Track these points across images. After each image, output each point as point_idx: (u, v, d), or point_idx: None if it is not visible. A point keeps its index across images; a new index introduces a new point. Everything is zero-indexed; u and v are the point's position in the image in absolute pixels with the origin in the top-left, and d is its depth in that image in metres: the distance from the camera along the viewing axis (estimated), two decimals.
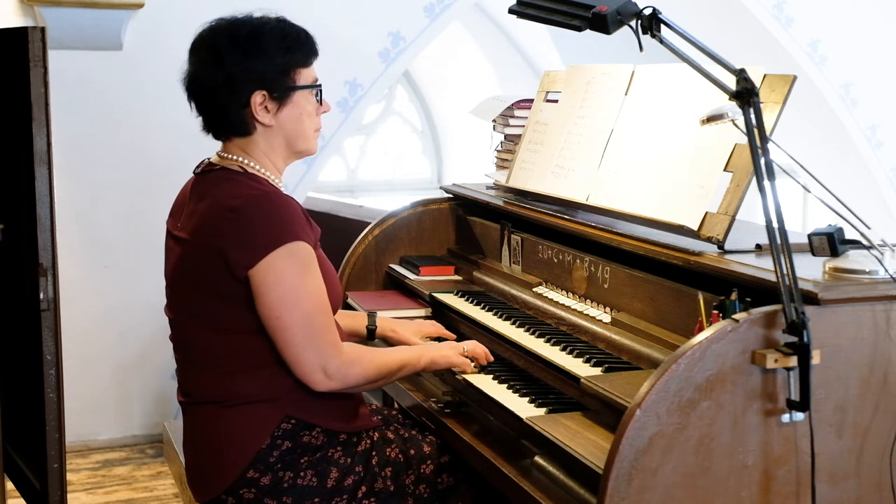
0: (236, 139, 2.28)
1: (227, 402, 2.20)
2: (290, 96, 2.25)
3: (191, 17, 4.35)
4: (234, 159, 2.27)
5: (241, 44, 2.21)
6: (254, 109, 2.22)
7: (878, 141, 6.07)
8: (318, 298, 2.16)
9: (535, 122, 2.99)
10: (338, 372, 2.15)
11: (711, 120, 2.04)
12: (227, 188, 2.20)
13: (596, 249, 2.49)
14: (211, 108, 2.27)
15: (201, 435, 2.25)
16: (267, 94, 2.22)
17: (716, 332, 1.78)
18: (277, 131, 2.26)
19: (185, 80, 2.28)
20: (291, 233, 2.13)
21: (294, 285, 2.12)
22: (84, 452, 4.44)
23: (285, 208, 2.16)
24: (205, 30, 2.28)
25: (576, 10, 2.13)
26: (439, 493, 2.30)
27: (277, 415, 2.19)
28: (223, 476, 2.19)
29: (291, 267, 2.12)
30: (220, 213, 2.15)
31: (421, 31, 4.75)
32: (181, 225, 2.27)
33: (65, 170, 4.14)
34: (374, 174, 8.49)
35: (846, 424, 1.90)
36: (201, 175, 2.30)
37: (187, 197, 2.31)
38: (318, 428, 2.23)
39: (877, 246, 1.95)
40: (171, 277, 2.30)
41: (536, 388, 2.29)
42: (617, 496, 1.73)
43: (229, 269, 2.13)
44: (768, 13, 5.66)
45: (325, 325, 2.16)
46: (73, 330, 3.95)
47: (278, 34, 2.24)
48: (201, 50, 2.26)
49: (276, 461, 2.18)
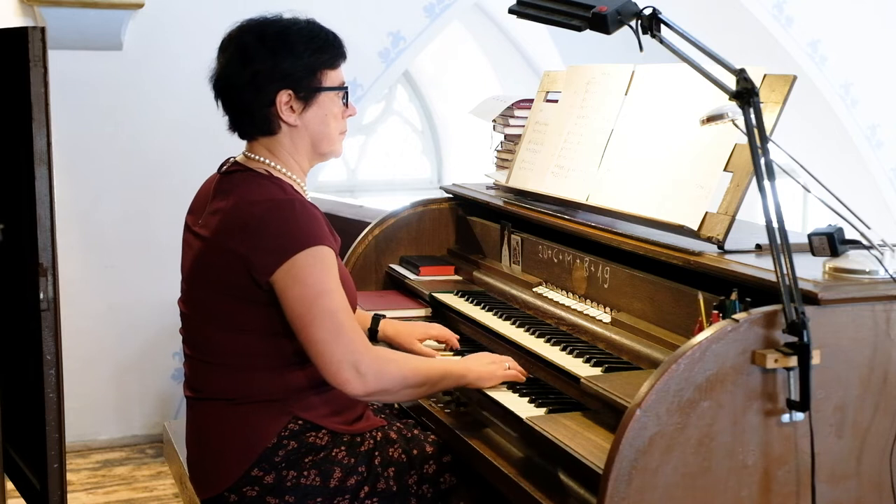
0: (261, 139, 2.27)
1: (236, 400, 2.19)
2: (315, 97, 2.24)
3: (191, 17, 4.41)
4: (260, 160, 2.26)
5: (269, 42, 2.21)
6: (279, 108, 2.22)
7: (878, 141, 6.07)
8: (341, 297, 2.14)
9: (534, 122, 2.99)
10: (370, 368, 2.10)
11: (711, 120, 2.04)
12: (252, 191, 2.19)
13: (596, 249, 2.49)
14: (236, 107, 2.26)
15: (207, 431, 2.25)
16: (293, 93, 2.22)
17: (716, 332, 1.78)
18: (302, 132, 2.26)
19: (211, 77, 2.27)
20: (314, 238, 2.13)
21: (314, 283, 2.10)
22: (84, 452, 4.44)
23: (309, 216, 2.15)
24: (234, 29, 2.27)
25: (576, 10, 2.13)
26: (442, 493, 2.30)
27: (285, 416, 2.19)
28: (227, 474, 2.19)
29: (312, 268, 2.11)
30: (243, 217, 2.14)
31: (421, 31, 4.75)
32: (202, 222, 2.25)
33: (65, 170, 4.14)
34: (374, 174, 8.49)
35: (846, 424, 1.90)
36: (226, 174, 2.29)
37: (210, 194, 2.29)
38: (324, 429, 2.23)
39: (877, 246, 1.95)
40: (188, 273, 2.29)
41: (536, 388, 2.29)
42: (617, 496, 1.73)
43: (251, 275, 2.12)
44: (768, 13, 5.66)
45: (348, 323, 2.12)
46: (73, 330, 3.95)
47: (307, 34, 2.24)
48: (229, 48, 2.25)
49: (280, 460, 2.18)
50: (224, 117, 2.30)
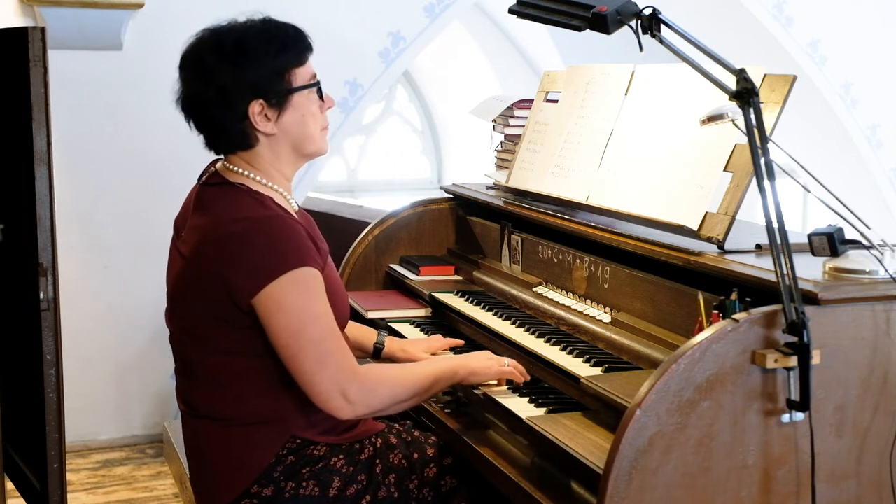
0: (240, 152, 2.19)
1: (231, 422, 2.14)
2: (289, 100, 2.15)
3: (191, 17, 4.37)
4: (239, 172, 2.18)
5: (228, 54, 2.11)
6: (253, 120, 2.13)
7: (878, 141, 6.07)
8: (326, 323, 2.07)
9: (534, 122, 2.99)
10: (359, 395, 2.07)
11: (711, 120, 2.04)
12: (230, 208, 2.11)
13: (596, 249, 2.49)
14: (209, 126, 2.18)
15: (204, 449, 2.21)
16: (264, 102, 2.12)
17: (716, 332, 1.78)
18: (282, 138, 2.17)
19: (177, 99, 2.18)
20: (295, 259, 2.05)
21: (298, 311, 2.03)
22: (84, 452, 4.44)
23: (290, 233, 2.07)
24: (189, 44, 2.17)
25: (576, 10, 2.13)
26: (443, 496, 2.27)
27: (283, 435, 2.15)
28: (227, 491, 2.15)
29: (295, 293, 2.04)
30: (221, 237, 2.07)
31: (421, 31, 4.75)
32: (184, 236, 2.19)
33: (65, 170, 4.14)
34: (374, 174, 8.49)
35: (846, 424, 1.90)
36: (204, 186, 2.22)
37: (191, 207, 2.23)
38: (322, 444, 2.19)
39: (877, 246, 1.95)
40: (171, 290, 2.22)
41: (536, 388, 2.29)
42: (617, 496, 1.73)
43: (231, 298, 2.06)
44: (768, 13, 5.66)
45: (336, 350, 2.07)
46: (73, 330, 3.95)
47: (265, 37, 2.13)
48: (188, 66, 2.16)
49: (279, 475, 2.15)
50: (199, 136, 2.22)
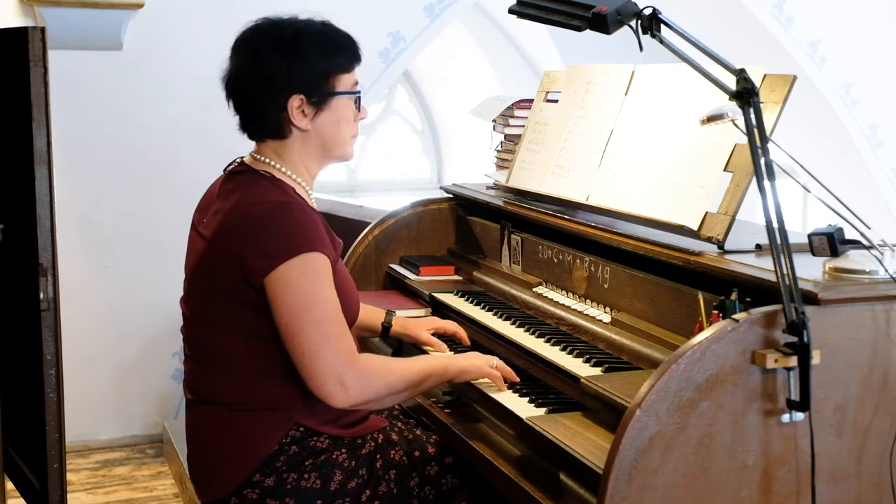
0: (271, 142, 2.25)
1: (237, 406, 2.18)
2: (328, 101, 2.23)
3: (191, 17, 4.41)
4: (266, 162, 2.25)
5: (283, 46, 2.19)
6: (291, 113, 2.20)
7: (878, 141, 6.07)
8: (330, 308, 2.11)
9: (534, 122, 2.99)
10: (355, 382, 2.09)
11: (711, 120, 2.04)
12: (253, 192, 2.17)
13: (596, 249, 2.49)
14: (247, 109, 2.25)
15: (207, 436, 2.24)
16: (305, 98, 2.20)
17: (716, 332, 1.78)
18: (314, 136, 2.24)
19: (224, 77, 2.25)
20: (309, 243, 2.10)
21: (305, 292, 2.08)
22: (84, 452, 4.44)
23: (306, 219, 2.13)
24: (248, 29, 2.25)
25: (576, 10, 2.13)
26: (443, 494, 2.29)
27: (287, 423, 2.18)
28: (228, 480, 2.17)
29: (303, 276, 2.08)
30: (241, 218, 2.13)
31: (421, 31, 4.75)
32: (206, 222, 2.25)
33: (65, 170, 4.14)
34: (374, 174, 8.49)
35: (846, 424, 1.90)
36: (231, 174, 2.28)
37: (215, 194, 2.28)
38: (325, 435, 2.22)
39: (877, 246, 1.95)
40: (190, 273, 2.28)
41: (536, 388, 2.29)
42: (617, 496, 1.73)
43: (246, 277, 2.10)
44: (768, 13, 5.66)
45: (337, 334, 2.10)
46: (73, 330, 3.95)
47: (320, 38, 2.22)
48: (243, 50, 2.23)
49: (281, 465, 2.17)
50: (234, 117, 2.28)
